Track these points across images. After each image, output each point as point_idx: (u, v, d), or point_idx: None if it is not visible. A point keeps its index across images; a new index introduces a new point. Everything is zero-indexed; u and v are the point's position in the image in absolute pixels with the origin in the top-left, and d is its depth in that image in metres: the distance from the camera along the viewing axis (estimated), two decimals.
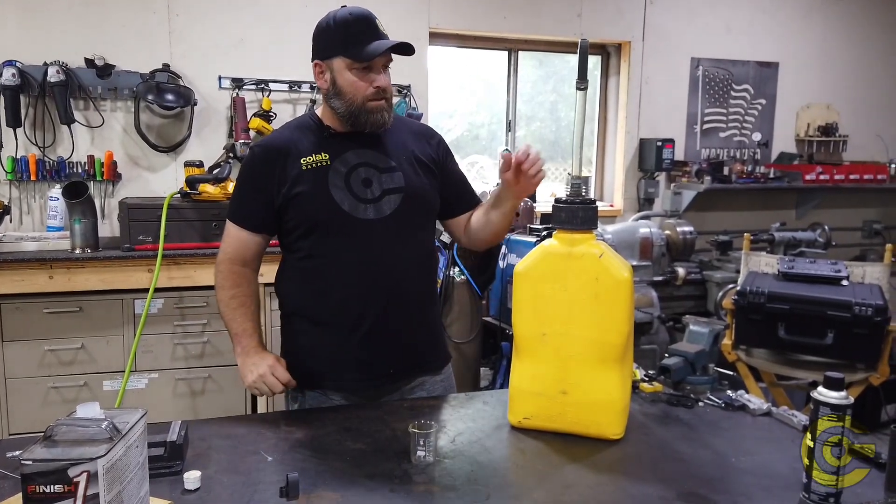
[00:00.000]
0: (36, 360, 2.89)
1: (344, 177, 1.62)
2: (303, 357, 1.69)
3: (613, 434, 1.39)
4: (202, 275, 3.02)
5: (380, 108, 1.61)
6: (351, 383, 1.67)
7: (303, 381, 1.67)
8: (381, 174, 1.64)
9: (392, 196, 1.63)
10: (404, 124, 1.80)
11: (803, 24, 4.64)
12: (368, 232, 1.61)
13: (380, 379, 1.67)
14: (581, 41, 1.47)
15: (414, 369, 1.71)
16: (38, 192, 3.33)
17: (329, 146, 1.65)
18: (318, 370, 1.67)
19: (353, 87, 1.59)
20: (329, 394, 1.68)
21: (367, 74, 1.59)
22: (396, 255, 1.64)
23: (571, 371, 1.40)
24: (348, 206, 1.60)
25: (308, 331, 1.69)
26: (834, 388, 1.11)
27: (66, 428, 0.95)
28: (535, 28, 4.05)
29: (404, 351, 1.68)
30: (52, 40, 3.26)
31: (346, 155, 1.64)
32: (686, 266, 3.90)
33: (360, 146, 1.66)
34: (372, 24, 1.59)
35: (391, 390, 1.68)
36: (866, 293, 2.69)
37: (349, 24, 1.59)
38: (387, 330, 1.63)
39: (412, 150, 1.71)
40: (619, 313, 1.37)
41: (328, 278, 1.63)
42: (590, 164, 4.58)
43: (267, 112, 3.49)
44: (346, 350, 1.64)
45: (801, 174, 4.35)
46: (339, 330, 1.64)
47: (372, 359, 1.65)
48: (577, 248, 1.39)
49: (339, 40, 1.59)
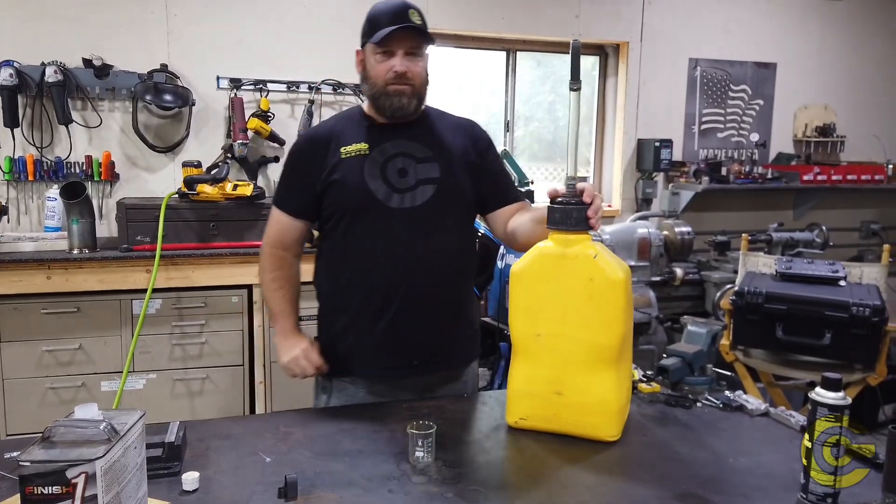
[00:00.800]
0: (34, 361, 2.89)
1: (380, 166, 1.66)
2: (332, 344, 1.73)
3: (609, 436, 1.39)
4: (200, 275, 3.02)
5: (399, 92, 1.64)
6: (375, 371, 1.70)
7: (330, 369, 1.72)
8: (418, 164, 1.68)
9: (426, 186, 1.67)
10: (446, 118, 1.82)
11: (801, 25, 4.64)
12: (400, 221, 1.64)
13: (403, 369, 1.69)
14: (573, 42, 1.47)
15: (439, 363, 1.72)
16: (36, 192, 3.32)
17: (370, 136, 1.69)
18: (345, 356, 1.71)
19: (375, 72, 1.65)
20: (355, 382, 1.71)
21: (388, 59, 1.63)
22: (426, 245, 1.65)
23: (566, 372, 1.40)
24: (382, 195, 1.64)
25: (338, 318, 1.73)
26: (831, 389, 1.11)
27: (64, 429, 0.95)
28: (533, 29, 4.05)
29: (429, 343, 1.69)
30: (50, 40, 3.26)
31: (385, 145, 1.68)
32: (684, 266, 3.90)
33: (400, 137, 1.70)
34: (400, 13, 1.63)
35: (415, 383, 1.70)
36: (864, 294, 2.69)
37: (379, 11, 1.65)
38: (412, 320, 1.66)
39: (451, 143, 1.74)
40: (613, 314, 1.36)
41: (359, 265, 1.66)
42: (588, 164, 4.58)
43: (265, 112, 3.49)
44: (371, 337, 1.67)
45: (798, 175, 4.36)
46: (365, 317, 1.67)
47: (395, 348, 1.67)
48: (572, 248, 1.39)
49: (367, 27, 1.66)
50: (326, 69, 3.62)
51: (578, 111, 1.45)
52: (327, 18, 3.63)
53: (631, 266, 3.65)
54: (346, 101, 3.71)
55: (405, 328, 1.66)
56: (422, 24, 1.65)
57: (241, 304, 3.10)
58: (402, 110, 1.66)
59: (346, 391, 1.71)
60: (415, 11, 1.65)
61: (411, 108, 1.67)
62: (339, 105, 3.71)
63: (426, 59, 1.69)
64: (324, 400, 1.75)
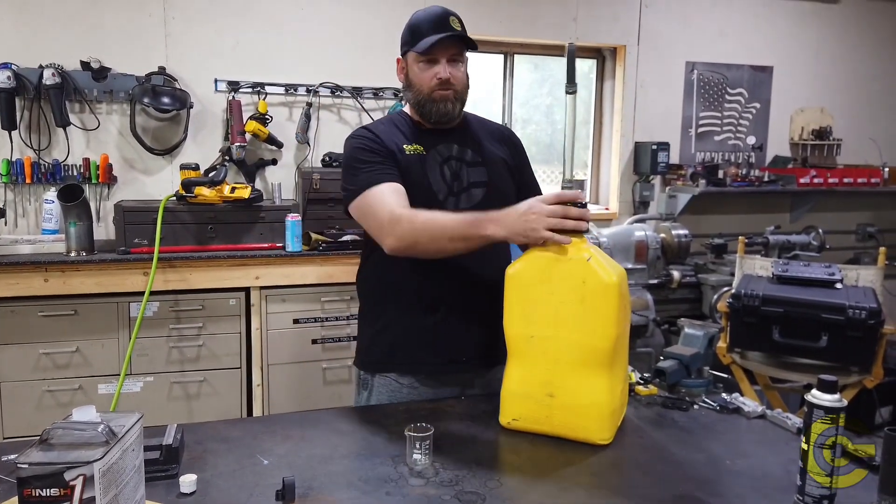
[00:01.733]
0: (31, 364, 2.88)
1: (440, 166, 1.70)
2: (376, 339, 1.76)
3: (600, 439, 1.38)
4: (198, 278, 3.02)
5: (444, 97, 1.67)
6: (424, 367, 1.72)
7: (373, 366, 1.75)
8: (468, 168, 1.72)
9: (476, 190, 1.71)
10: (483, 124, 1.87)
11: (797, 29, 4.66)
12: None
13: (447, 364, 1.71)
14: (568, 46, 1.49)
15: (480, 359, 1.74)
16: (34, 194, 3.32)
17: (421, 139, 1.72)
18: (390, 351, 1.73)
19: (419, 79, 1.68)
20: (399, 378, 1.72)
21: (431, 67, 1.66)
22: None
23: (558, 374, 1.41)
24: (442, 196, 1.68)
25: (385, 313, 1.75)
26: (828, 391, 1.11)
27: (62, 431, 0.95)
28: (530, 32, 4.06)
29: (477, 342, 1.72)
30: (48, 43, 3.26)
31: (439, 147, 1.72)
32: (681, 269, 3.91)
33: (449, 141, 1.74)
34: (442, 21, 1.66)
35: (456, 380, 1.73)
36: (860, 296, 2.70)
37: (421, 20, 1.67)
38: (459, 318, 1.69)
39: (494, 148, 1.79)
40: (606, 317, 1.36)
41: (412, 261, 1.66)
42: (585, 167, 4.59)
43: (263, 115, 3.49)
44: (418, 332, 1.70)
45: (795, 177, 4.37)
46: (414, 312, 1.70)
47: (441, 345, 1.70)
48: (564, 251, 1.39)
49: (410, 36, 1.69)
50: (324, 72, 3.62)
51: (575, 114, 1.46)
52: (325, 21, 3.63)
53: (628, 269, 3.69)
54: (345, 104, 3.71)
55: (452, 326, 1.70)
56: (462, 31, 1.68)
57: (238, 306, 3.10)
58: (447, 115, 1.70)
59: (390, 387, 1.73)
60: (455, 18, 1.68)
61: (455, 113, 1.71)
62: (338, 108, 3.71)
63: (466, 63, 1.73)
64: (364, 397, 1.76)
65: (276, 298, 3.15)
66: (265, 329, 3.13)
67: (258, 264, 3.08)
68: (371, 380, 1.76)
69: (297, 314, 3.19)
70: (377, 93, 3.72)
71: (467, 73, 1.73)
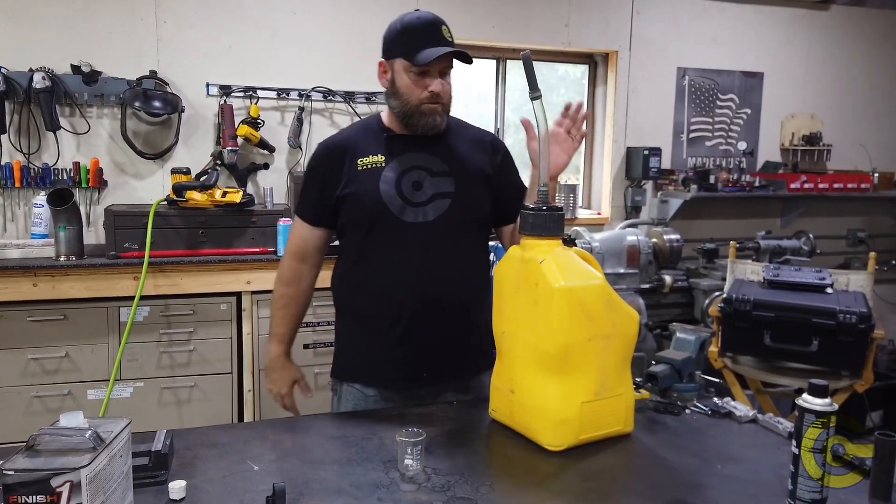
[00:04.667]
0: (19, 369, 2.86)
1: (396, 179, 1.67)
2: (344, 349, 1.78)
3: (548, 444, 1.37)
4: (188, 282, 3.00)
5: (433, 111, 1.66)
6: (386, 381, 1.72)
7: (341, 375, 1.77)
8: (433, 178, 1.69)
9: (441, 201, 1.68)
10: (466, 130, 1.83)
11: (787, 35, 4.69)
12: (414, 235, 1.65)
13: (415, 380, 1.71)
14: (523, 54, 1.51)
15: (449, 375, 1.74)
16: (23, 199, 3.30)
17: (387, 148, 1.70)
18: (357, 363, 1.75)
19: (409, 90, 1.65)
20: (364, 389, 1.73)
21: (423, 79, 1.64)
22: (439, 259, 1.67)
23: (518, 372, 1.45)
24: (396, 209, 1.65)
25: (352, 326, 1.76)
26: (818, 396, 1.12)
27: (49, 437, 0.94)
28: (523, 37, 4.07)
29: (441, 355, 1.71)
30: (38, 46, 3.24)
31: (402, 157, 1.69)
32: (673, 274, 3.92)
33: (417, 149, 1.70)
34: (435, 30, 1.63)
35: (425, 393, 1.71)
36: (850, 301, 2.71)
37: (414, 27, 1.64)
38: (424, 333, 1.68)
39: (469, 155, 1.75)
40: (554, 322, 1.35)
41: (372, 276, 1.68)
42: (578, 172, 4.60)
43: (255, 119, 3.49)
44: (383, 348, 1.70)
45: (785, 183, 4.39)
46: (378, 328, 1.69)
47: (408, 359, 1.69)
48: (528, 252, 1.41)
49: (400, 42, 1.65)
50: (316, 76, 3.62)
51: (545, 119, 1.47)
52: (318, 26, 3.63)
53: (620, 273, 3.70)
54: (337, 109, 3.71)
55: (417, 342, 1.68)
56: (452, 41, 1.67)
57: (229, 311, 3.09)
58: (434, 128, 1.68)
59: (356, 396, 1.74)
60: (446, 28, 1.66)
61: (442, 125, 1.70)
62: (330, 112, 3.71)
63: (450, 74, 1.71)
64: (335, 403, 1.80)
65: (268, 303, 3.10)
66: (256, 334, 3.11)
67: (249, 269, 3.07)
68: (340, 387, 1.77)
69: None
70: (369, 97, 3.72)
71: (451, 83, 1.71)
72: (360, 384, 1.74)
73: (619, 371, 1.44)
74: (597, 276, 1.41)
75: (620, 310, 1.43)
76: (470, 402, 1.70)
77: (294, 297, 1.82)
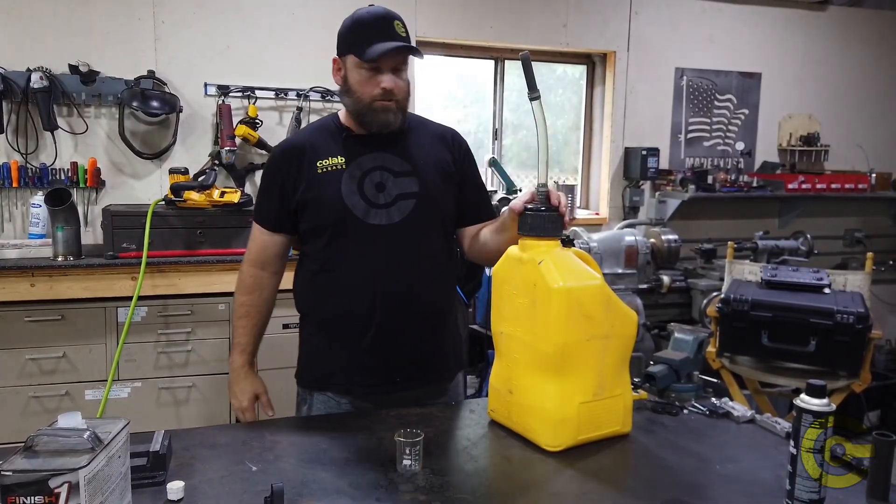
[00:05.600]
0: (17, 370, 2.85)
1: (358, 181, 1.63)
2: (312, 358, 1.72)
3: (546, 445, 1.37)
4: (186, 283, 3.00)
5: (386, 108, 1.61)
6: (357, 388, 1.68)
7: (311, 384, 1.72)
8: (396, 178, 1.64)
9: (406, 201, 1.63)
10: (426, 127, 1.79)
11: (785, 36, 4.70)
12: (379, 237, 1.61)
13: (386, 386, 1.67)
14: (522, 55, 1.50)
15: (422, 378, 1.71)
16: (21, 198, 3.29)
17: (346, 148, 1.66)
18: (326, 373, 1.69)
19: (361, 86, 1.60)
20: (337, 398, 1.69)
21: (375, 75, 1.59)
22: (407, 261, 1.63)
23: (516, 372, 1.45)
24: (360, 212, 1.61)
25: (319, 333, 1.71)
26: (816, 396, 1.12)
27: (47, 438, 0.94)
28: (521, 37, 4.07)
29: (412, 360, 1.67)
30: (36, 46, 3.23)
31: (363, 158, 1.65)
32: (671, 274, 3.93)
33: (378, 149, 1.66)
34: (387, 25, 1.59)
35: (399, 398, 1.67)
36: (848, 301, 2.72)
37: (364, 22, 1.59)
38: (394, 337, 1.64)
39: (431, 154, 1.71)
40: (552, 322, 1.35)
41: (338, 282, 1.64)
42: (576, 172, 4.61)
43: (253, 119, 3.48)
44: (353, 355, 1.65)
45: (783, 183, 4.40)
46: (347, 334, 1.65)
47: (379, 365, 1.65)
48: (527, 253, 1.41)
49: (351, 38, 1.60)
50: (314, 76, 3.62)
51: (544, 119, 1.46)
52: (316, 26, 3.63)
53: (618, 273, 3.71)
54: (335, 108, 3.70)
55: (387, 346, 1.64)
56: (407, 36, 1.62)
57: (227, 311, 3.08)
58: (388, 126, 1.63)
59: (328, 404, 1.69)
60: (399, 23, 1.61)
61: (397, 123, 1.64)
62: (328, 112, 3.70)
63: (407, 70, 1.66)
64: (304, 411, 1.74)
65: None
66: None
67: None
68: (310, 397, 1.72)
69: (287, 319, 3.15)
70: None
71: (408, 79, 1.66)
72: (332, 392, 1.69)
73: (618, 371, 1.44)
74: (595, 276, 1.41)
75: (619, 310, 1.43)
76: (468, 402, 1.70)
77: (256, 305, 1.75)
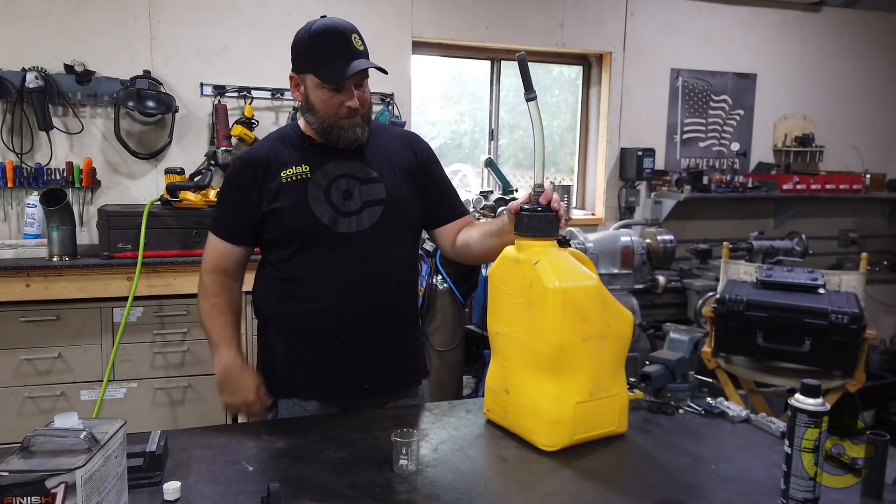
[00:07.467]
0: (12, 370, 2.84)
1: (324, 189, 1.61)
2: (278, 364, 1.68)
3: (542, 445, 1.38)
4: (182, 283, 2.99)
5: (352, 125, 1.59)
6: (325, 394, 1.65)
7: (277, 390, 1.67)
8: (362, 185, 1.63)
9: (373, 208, 1.62)
10: (388, 132, 1.78)
11: (780, 37, 4.72)
12: (348, 245, 1.60)
13: (355, 392, 1.65)
14: (518, 56, 1.51)
15: (390, 385, 1.70)
16: (16, 199, 3.28)
17: (310, 157, 1.63)
18: (293, 378, 1.66)
19: (325, 106, 1.58)
20: (303, 403, 1.66)
21: (337, 94, 1.56)
22: (376, 268, 1.62)
23: (512, 372, 1.45)
24: (328, 220, 1.59)
25: (285, 339, 1.67)
26: (811, 395, 1.12)
27: (43, 438, 0.94)
28: (517, 38, 4.08)
29: (380, 366, 1.66)
30: (31, 45, 3.22)
31: (327, 166, 1.63)
32: (666, 274, 3.94)
33: (342, 157, 1.64)
34: (345, 41, 1.55)
35: (369, 403, 1.66)
36: (842, 301, 2.73)
37: (322, 39, 1.55)
38: (363, 344, 1.62)
39: (395, 159, 1.69)
40: (549, 322, 1.35)
41: (307, 290, 1.62)
42: (572, 173, 4.62)
43: (249, 119, 3.48)
44: (321, 361, 1.63)
45: (778, 184, 4.41)
46: (314, 342, 1.63)
47: (347, 372, 1.63)
48: (523, 253, 1.42)
49: (310, 57, 1.56)
50: None
51: (540, 120, 1.47)
52: None
53: (614, 274, 3.71)
54: None
55: (356, 352, 1.62)
56: (365, 49, 1.59)
57: None
58: (356, 142, 1.62)
59: (294, 409, 1.67)
60: (357, 36, 1.58)
61: (364, 137, 1.63)
62: None
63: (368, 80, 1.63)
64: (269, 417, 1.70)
65: None
66: (251, 334, 3.10)
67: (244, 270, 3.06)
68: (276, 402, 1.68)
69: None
70: None
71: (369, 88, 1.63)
72: (298, 398, 1.66)
73: (614, 371, 1.44)
74: (591, 276, 1.41)
75: (615, 310, 1.43)
76: (464, 402, 1.70)
77: (227, 304, 1.68)
